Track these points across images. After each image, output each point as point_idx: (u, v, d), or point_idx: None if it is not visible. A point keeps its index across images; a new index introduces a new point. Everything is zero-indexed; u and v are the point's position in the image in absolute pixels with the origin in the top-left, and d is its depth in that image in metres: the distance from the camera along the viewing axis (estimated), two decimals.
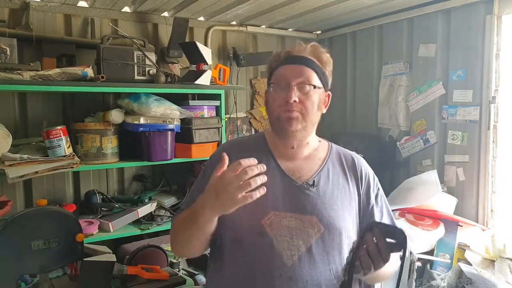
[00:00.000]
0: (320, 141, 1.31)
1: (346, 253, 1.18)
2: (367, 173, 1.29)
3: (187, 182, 2.43)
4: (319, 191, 1.19)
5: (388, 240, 1.03)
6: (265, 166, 1.01)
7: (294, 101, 1.14)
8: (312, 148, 1.27)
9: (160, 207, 2.29)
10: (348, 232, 1.20)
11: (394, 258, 1.24)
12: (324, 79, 1.20)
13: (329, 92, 1.24)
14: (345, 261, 1.15)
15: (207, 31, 2.74)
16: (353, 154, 1.33)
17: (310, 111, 1.17)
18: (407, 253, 1.00)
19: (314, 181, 1.20)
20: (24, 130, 2.20)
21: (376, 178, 1.32)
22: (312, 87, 1.16)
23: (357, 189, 1.25)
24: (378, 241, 1.03)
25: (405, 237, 1.00)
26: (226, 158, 1.04)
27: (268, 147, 1.27)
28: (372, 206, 1.26)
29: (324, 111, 1.24)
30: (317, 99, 1.18)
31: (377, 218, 1.26)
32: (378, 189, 1.30)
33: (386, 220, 1.29)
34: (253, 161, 1.00)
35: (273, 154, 1.25)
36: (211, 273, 1.27)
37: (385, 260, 1.02)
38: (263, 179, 0.99)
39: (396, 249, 1.02)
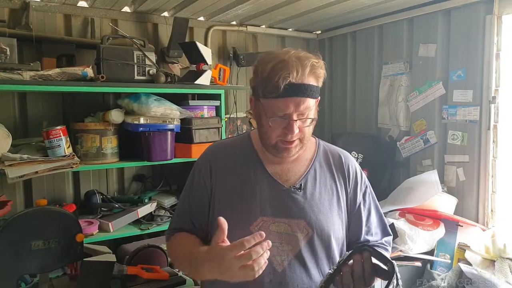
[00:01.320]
0: None
1: (335, 255, 1.18)
2: (355, 170, 1.27)
3: None
4: (306, 194, 1.17)
5: (376, 262, 1.00)
6: (270, 243, 0.94)
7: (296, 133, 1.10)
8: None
9: (160, 207, 2.29)
10: (337, 234, 1.19)
11: None
12: (318, 93, 1.13)
13: (319, 97, 1.17)
14: (331, 267, 1.14)
15: (207, 31, 2.74)
16: (340, 151, 1.30)
17: (308, 135, 1.15)
18: (394, 282, 0.96)
19: (301, 184, 1.18)
20: (24, 130, 2.20)
21: (364, 176, 1.30)
22: (311, 119, 1.12)
23: (344, 188, 1.23)
24: (365, 263, 1.00)
25: (394, 267, 0.97)
26: (225, 225, 0.97)
27: (255, 150, 1.23)
28: (359, 205, 1.24)
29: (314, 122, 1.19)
30: (314, 121, 1.14)
31: (364, 217, 1.25)
32: (366, 186, 1.28)
33: (374, 218, 1.28)
34: (258, 237, 0.93)
35: (260, 158, 1.22)
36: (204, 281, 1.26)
37: (368, 284, 0.99)
38: (266, 254, 0.93)
39: (383, 277, 0.99)
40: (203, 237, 1.23)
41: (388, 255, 1.26)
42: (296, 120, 1.08)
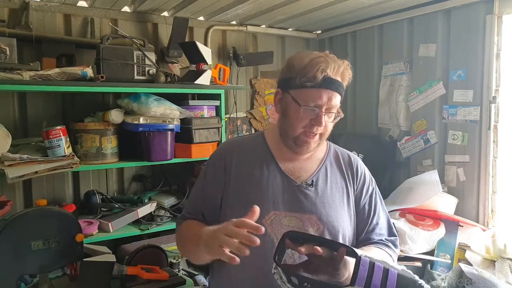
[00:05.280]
0: None
1: None
2: (363, 172, 1.31)
3: (187, 182, 2.43)
4: (317, 190, 1.21)
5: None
6: (263, 229, 0.94)
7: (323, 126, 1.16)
8: None
9: (160, 207, 2.29)
10: (346, 230, 1.22)
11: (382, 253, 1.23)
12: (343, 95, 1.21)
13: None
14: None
15: (207, 31, 2.74)
16: (350, 153, 1.35)
17: (329, 131, 1.21)
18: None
19: (313, 180, 1.22)
20: (24, 130, 2.20)
21: (373, 180, 1.33)
22: (337, 114, 1.18)
23: (352, 186, 1.27)
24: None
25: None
26: (256, 211, 0.99)
27: (269, 148, 1.27)
28: (364, 205, 1.27)
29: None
30: (336, 120, 1.21)
31: (368, 217, 1.27)
32: (373, 189, 1.31)
33: (380, 220, 1.29)
34: (256, 227, 0.93)
35: (273, 155, 1.25)
36: (213, 272, 1.29)
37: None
38: (254, 242, 0.93)
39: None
40: None
41: (391, 252, 1.26)
42: (324, 112, 1.14)
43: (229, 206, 1.22)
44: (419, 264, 2.03)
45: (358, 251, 0.95)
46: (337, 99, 1.17)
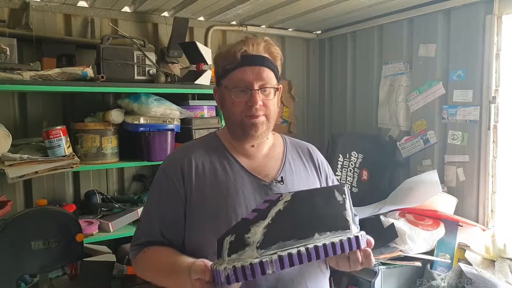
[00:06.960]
0: (274, 134, 1.29)
1: None
2: (323, 161, 1.32)
3: None
4: (287, 186, 1.18)
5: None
6: None
7: (259, 104, 1.12)
8: (271, 144, 1.26)
9: None
10: None
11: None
12: (278, 74, 1.18)
13: (281, 85, 1.21)
14: None
15: (207, 31, 2.74)
16: (307, 144, 1.34)
17: (273, 111, 1.16)
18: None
19: (281, 177, 1.19)
20: (24, 130, 2.20)
21: (330, 168, 1.35)
22: (274, 89, 1.15)
23: (317, 177, 1.27)
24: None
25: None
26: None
27: (226, 148, 1.22)
28: None
29: (279, 103, 1.23)
30: (277, 98, 1.18)
31: None
32: (333, 175, 1.34)
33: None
34: None
35: (232, 154, 1.20)
36: None
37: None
38: None
39: None
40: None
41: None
42: (257, 90, 1.11)
43: (199, 220, 1.13)
44: (419, 264, 2.03)
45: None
46: (267, 74, 1.12)
